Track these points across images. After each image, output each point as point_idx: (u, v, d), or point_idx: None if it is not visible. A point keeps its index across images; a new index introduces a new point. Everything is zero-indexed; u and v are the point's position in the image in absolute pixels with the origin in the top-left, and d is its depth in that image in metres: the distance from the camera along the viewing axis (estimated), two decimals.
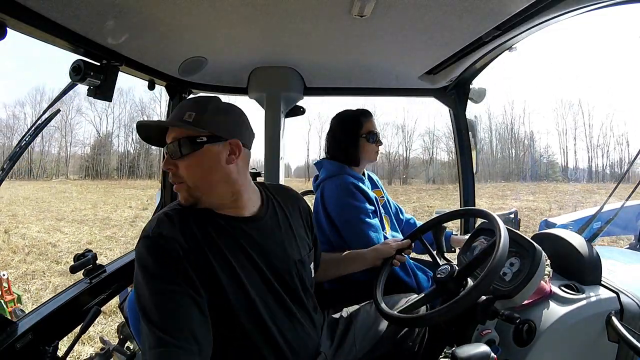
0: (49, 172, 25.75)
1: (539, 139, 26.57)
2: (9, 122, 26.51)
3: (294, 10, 0.91)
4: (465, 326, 0.92)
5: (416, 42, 1.11)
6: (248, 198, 0.88)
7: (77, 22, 0.88)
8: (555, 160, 25.52)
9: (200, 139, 0.79)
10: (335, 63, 1.39)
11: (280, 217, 0.93)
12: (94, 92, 1.02)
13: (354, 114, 1.44)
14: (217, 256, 0.78)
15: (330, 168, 1.41)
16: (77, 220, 8.78)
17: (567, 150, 25.14)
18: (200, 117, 0.80)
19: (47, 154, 26.51)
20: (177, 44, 1.15)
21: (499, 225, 0.91)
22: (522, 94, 45.21)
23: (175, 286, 0.72)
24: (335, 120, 1.47)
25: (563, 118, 25.52)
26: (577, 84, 40.26)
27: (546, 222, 2.67)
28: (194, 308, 0.72)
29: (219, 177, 0.82)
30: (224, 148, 0.82)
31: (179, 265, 0.73)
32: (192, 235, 0.77)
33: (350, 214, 1.29)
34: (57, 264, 5.06)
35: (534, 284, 0.91)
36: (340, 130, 1.44)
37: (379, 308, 0.98)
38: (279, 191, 1.00)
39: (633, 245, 2.62)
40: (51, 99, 1.07)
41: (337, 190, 1.32)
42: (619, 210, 1.20)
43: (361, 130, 1.41)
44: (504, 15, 0.86)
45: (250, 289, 0.81)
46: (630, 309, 0.92)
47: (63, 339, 1.05)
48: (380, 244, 1.22)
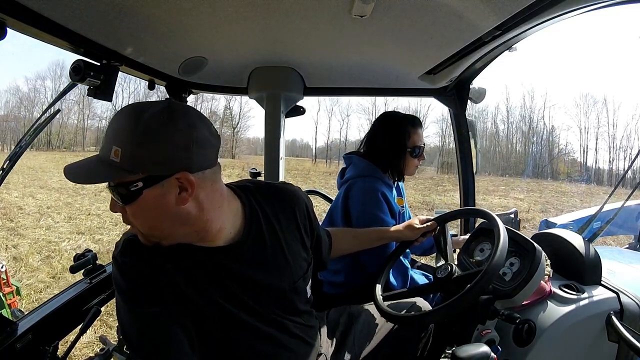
0: (66, 144, 26.81)
1: (559, 135, 24.67)
2: (30, 95, 27.22)
3: (294, 10, 0.91)
4: (465, 326, 0.92)
5: (416, 42, 1.11)
6: (220, 228, 0.73)
7: (77, 22, 0.88)
8: (576, 159, 24.06)
9: (134, 186, 0.62)
10: (335, 63, 1.39)
11: (268, 238, 0.79)
12: (94, 92, 1.01)
13: (401, 121, 1.33)
14: (197, 291, 0.71)
15: (361, 167, 1.34)
16: (55, 188, 9.87)
17: (588, 149, 23.49)
18: (127, 152, 0.61)
19: (65, 126, 27.19)
20: (177, 44, 1.15)
21: (498, 226, 0.92)
22: (543, 86, 43.48)
23: (157, 311, 0.67)
24: (381, 123, 1.37)
25: (586, 115, 23.62)
26: (603, 78, 37.95)
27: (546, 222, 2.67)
28: (178, 332, 0.67)
29: (172, 222, 0.67)
30: (169, 187, 0.64)
31: (155, 286, 0.68)
32: (164, 271, 0.69)
33: (370, 222, 1.23)
34: (10, 221, 6.29)
35: (534, 284, 0.92)
36: (385, 138, 1.34)
37: (378, 307, 0.98)
38: (270, 196, 0.85)
39: (633, 245, 2.62)
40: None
41: (365, 194, 1.26)
42: (619, 210, 1.20)
43: (408, 142, 1.32)
44: (504, 15, 0.86)
45: (239, 317, 0.74)
46: (630, 309, 0.93)
47: (63, 339, 1.05)
48: (405, 226, 1.15)
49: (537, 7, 0.80)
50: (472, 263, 1.08)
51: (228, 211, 0.75)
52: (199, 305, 0.71)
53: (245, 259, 0.75)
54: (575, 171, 22.84)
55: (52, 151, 24.56)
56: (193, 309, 0.70)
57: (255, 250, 0.77)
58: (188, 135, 0.63)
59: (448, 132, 24.07)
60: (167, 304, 0.68)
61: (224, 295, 0.73)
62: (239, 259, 0.75)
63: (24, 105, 26.38)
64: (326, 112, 29.24)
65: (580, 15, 0.84)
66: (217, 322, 0.72)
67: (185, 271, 0.70)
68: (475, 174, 1.71)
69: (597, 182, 21.39)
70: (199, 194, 0.67)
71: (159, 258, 0.70)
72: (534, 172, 22.84)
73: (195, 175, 0.65)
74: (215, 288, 0.72)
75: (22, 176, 11.68)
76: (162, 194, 0.64)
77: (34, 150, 23.38)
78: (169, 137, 0.62)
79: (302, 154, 31.01)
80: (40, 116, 1.19)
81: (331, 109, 28.68)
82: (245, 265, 0.75)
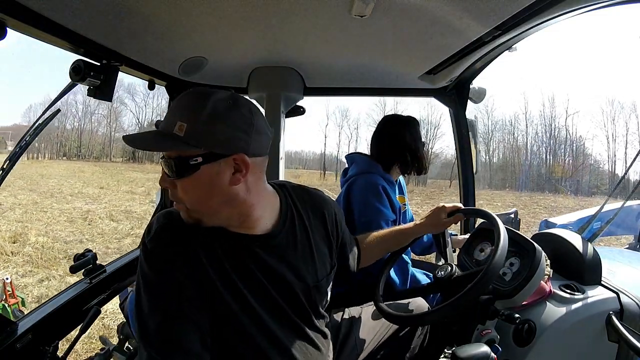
0: (96, 154, 28.87)
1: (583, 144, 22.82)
2: (63, 109, 29.03)
3: (294, 10, 0.91)
4: (465, 326, 0.92)
5: (416, 42, 1.11)
6: (260, 216, 0.76)
7: (77, 22, 0.88)
8: (601, 168, 22.09)
9: (194, 160, 0.66)
10: (335, 63, 1.39)
11: (299, 234, 0.82)
12: (94, 92, 1.02)
13: (410, 121, 1.43)
14: (222, 278, 0.72)
15: (363, 164, 1.40)
16: (38, 191, 10.95)
17: (616, 159, 21.52)
18: (192, 128, 0.65)
19: (95, 137, 29.76)
20: (177, 44, 1.15)
21: (498, 226, 0.92)
22: (565, 91, 41.29)
23: (176, 306, 0.67)
24: (384, 123, 1.45)
25: (613, 122, 21.77)
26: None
27: (546, 222, 2.67)
28: (193, 331, 0.67)
29: (221, 200, 0.70)
30: (226, 166, 0.68)
31: (179, 283, 0.68)
32: (194, 256, 0.71)
33: (372, 215, 1.27)
34: None
35: (534, 284, 0.92)
36: (389, 136, 1.42)
37: (379, 307, 0.98)
38: (303, 197, 0.88)
39: (633, 245, 2.62)
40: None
41: (367, 188, 1.31)
42: (619, 210, 1.20)
43: (421, 139, 1.42)
44: (504, 15, 0.86)
45: (260, 312, 0.75)
46: (630, 309, 0.93)
47: (63, 339, 1.05)
48: (429, 221, 1.09)
49: (537, 7, 0.80)
50: (472, 263, 1.08)
51: (268, 202, 0.79)
52: (221, 293, 0.71)
53: (276, 251, 0.78)
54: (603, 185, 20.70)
55: (81, 160, 26.70)
56: (213, 298, 0.71)
57: (288, 244, 0.80)
58: (249, 121, 0.69)
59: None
60: (189, 297, 0.68)
61: (247, 283, 0.74)
62: (271, 251, 0.77)
63: (57, 118, 27.35)
64: (336, 127, 29.14)
65: (580, 15, 0.84)
66: (233, 315, 0.73)
67: (216, 258, 0.72)
68: (475, 174, 1.71)
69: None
70: (249, 178, 0.71)
71: (191, 242, 0.71)
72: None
73: (250, 159, 0.69)
74: (240, 274, 0.73)
75: (27, 181, 13.02)
76: (218, 171, 0.67)
77: (61, 159, 26.38)
78: (233, 120, 0.67)
79: (311, 167, 30.93)
80: (39, 117, 1.18)
81: (340, 123, 28.54)
82: (275, 258, 0.77)
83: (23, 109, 30.20)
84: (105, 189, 12.23)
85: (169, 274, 0.69)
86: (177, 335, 0.66)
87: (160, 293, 0.68)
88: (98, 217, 7.55)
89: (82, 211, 8.17)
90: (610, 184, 20.85)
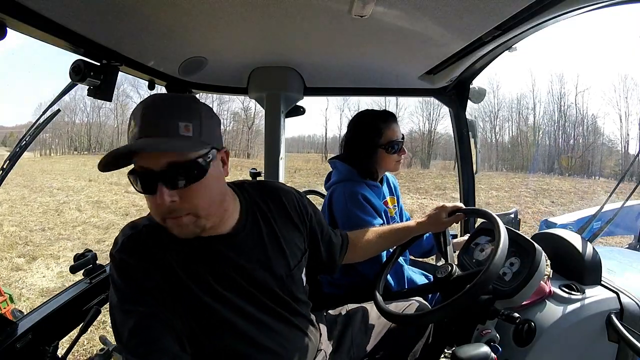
0: (106, 148, 28.86)
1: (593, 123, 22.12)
2: (71, 105, 29.19)
3: (294, 10, 0.91)
4: (465, 326, 0.93)
5: (416, 42, 1.11)
6: (231, 213, 0.78)
7: (77, 22, 0.87)
8: (616, 148, 21.42)
9: (207, 158, 0.66)
10: (335, 63, 1.39)
11: (263, 226, 0.83)
12: (94, 92, 1.01)
13: (372, 119, 1.32)
14: (198, 282, 0.72)
15: (341, 171, 1.33)
16: (30, 187, 11.06)
17: (629, 138, 20.57)
18: (198, 127, 0.65)
19: (104, 131, 30.79)
20: (177, 44, 1.15)
21: (498, 226, 0.92)
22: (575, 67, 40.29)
23: (150, 309, 0.67)
24: (353, 122, 1.37)
25: (626, 100, 20.71)
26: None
27: (546, 222, 2.67)
28: (169, 333, 0.67)
29: (222, 196, 0.72)
30: (219, 160, 0.70)
31: (151, 285, 0.68)
32: (165, 263, 0.70)
33: (355, 225, 1.20)
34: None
35: (534, 284, 0.92)
36: (356, 137, 1.33)
37: (379, 306, 0.98)
38: (262, 191, 0.88)
39: (633, 245, 2.62)
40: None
41: (345, 197, 1.25)
42: (619, 210, 1.20)
43: (380, 139, 1.29)
44: (504, 15, 0.86)
45: (241, 305, 0.76)
46: (630, 309, 0.93)
47: (63, 339, 1.05)
48: (430, 220, 1.09)
49: (537, 7, 0.80)
50: (472, 263, 1.08)
51: (232, 198, 0.80)
52: (198, 295, 0.71)
53: (243, 248, 0.78)
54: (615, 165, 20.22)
55: (90, 154, 27.21)
56: (191, 301, 0.71)
57: (253, 239, 0.80)
58: (216, 114, 0.73)
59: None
60: (162, 301, 0.68)
61: (223, 283, 0.74)
62: (238, 248, 0.77)
63: (66, 114, 28.53)
64: (337, 109, 28.95)
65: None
66: (216, 312, 0.73)
67: (185, 260, 0.72)
68: (475, 174, 1.71)
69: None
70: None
71: (159, 250, 0.71)
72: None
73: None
74: (214, 276, 0.73)
75: (23, 176, 13.02)
76: (217, 165, 0.70)
77: (64, 154, 27.08)
78: (213, 114, 0.71)
79: (313, 149, 30.75)
80: (39, 117, 1.18)
81: (341, 106, 28.19)
82: (242, 255, 0.77)
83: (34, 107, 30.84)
84: (94, 181, 12.43)
85: (140, 281, 0.68)
86: (151, 337, 0.66)
87: (133, 299, 0.67)
88: (69, 208, 8.00)
89: (59, 203, 8.56)
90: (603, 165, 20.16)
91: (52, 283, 3.78)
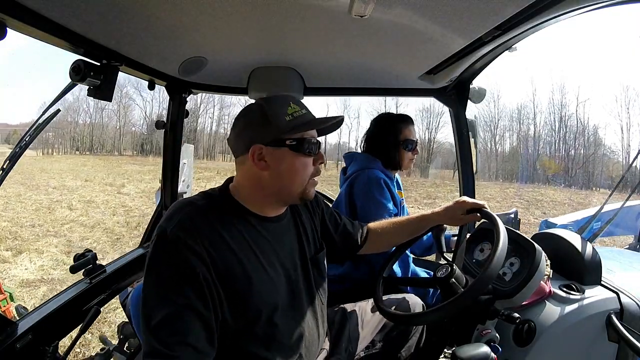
0: (107, 148, 30.07)
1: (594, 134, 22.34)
2: (74, 105, 29.54)
3: (294, 10, 0.91)
4: (465, 326, 0.93)
5: (416, 42, 1.11)
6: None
7: (77, 22, 0.88)
8: (617, 159, 21.53)
9: None
10: (335, 63, 1.39)
11: (294, 217, 0.94)
12: (94, 92, 1.01)
13: (392, 119, 1.48)
14: (248, 255, 0.77)
15: (364, 161, 1.44)
16: (27, 185, 11.08)
17: (630, 149, 20.76)
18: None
19: (105, 132, 30.74)
20: (177, 44, 1.15)
21: (498, 225, 0.91)
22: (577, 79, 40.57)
23: (185, 299, 0.67)
24: (374, 123, 1.51)
25: (627, 110, 21.26)
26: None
27: (546, 222, 2.67)
28: (201, 327, 0.68)
29: None
30: None
31: (195, 276, 0.69)
32: (220, 239, 0.74)
33: (375, 208, 1.30)
34: None
35: (534, 284, 0.92)
36: (380, 134, 1.47)
37: (378, 306, 0.98)
38: None
39: (633, 245, 2.62)
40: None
41: (369, 182, 1.34)
42: (618, 210, 1.20)
43: (399, 136, 1.45)
44: (504, 15, 0.86)
45: (277, 285, 0.81)
46: (630, 309, 0.93)
47: (63, 339, 1.05)
48: (447, 213, 1.06)
49: (537, 7, 0.80)
50: (472, 263, 1.08)
51: None
52: (244, 264, 0.76)
53: (282, 231, 0.88)
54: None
55: (92, 155, 27.40)
56: (235, 269, 0.74)
57: (288, 226, 0.91)
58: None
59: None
60: (202, 293, 0.69)
61: (267, 260, 0.81)
62: (279, 230, 0.87)
63: (69, 114, 29.02)
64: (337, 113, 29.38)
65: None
66: (258, 285, 0.77)
67: (237, 232, 0.78)
68: (475, 174, 1.71)
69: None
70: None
71: (215, 227, 0.75)
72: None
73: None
74: (263, 252, 0.81)
75: (22, 174, 12.83)
76: None
77: (67, 154, 27.12)
78: None
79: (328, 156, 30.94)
80: (39, 117, 1.19)
81: (342, 113, 28.56)
82: (281, 236, 0.87)
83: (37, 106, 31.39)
84: (90, 181, 12.48)
85: (183, 268, 0.69)
86: (181, 329, 0.66)
87: (172, 288, 0.68)
88: (60, 206, 8.12)
89: (53, 201, 8.67)
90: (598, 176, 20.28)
91: (32, 275, 3.92)
